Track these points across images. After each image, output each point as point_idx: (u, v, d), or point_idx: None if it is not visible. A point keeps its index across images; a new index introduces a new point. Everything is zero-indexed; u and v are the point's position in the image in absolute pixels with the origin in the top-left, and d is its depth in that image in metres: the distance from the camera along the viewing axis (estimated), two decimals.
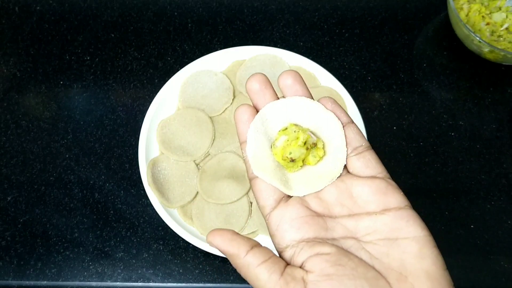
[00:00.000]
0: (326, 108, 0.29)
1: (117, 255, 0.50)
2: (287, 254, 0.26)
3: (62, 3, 0.65)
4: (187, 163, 0.52)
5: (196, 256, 0.50)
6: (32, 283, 0.49)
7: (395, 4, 0.66)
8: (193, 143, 0.52)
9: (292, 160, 0.28)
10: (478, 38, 0.55)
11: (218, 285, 0.49)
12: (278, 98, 0.30)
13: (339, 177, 0.28)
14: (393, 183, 0.27)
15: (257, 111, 0.29)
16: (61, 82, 0.59)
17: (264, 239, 0.49)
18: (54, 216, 0.52)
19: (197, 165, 0.52)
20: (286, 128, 0.29)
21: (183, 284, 0.49)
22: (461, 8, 0.60)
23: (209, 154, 0.53)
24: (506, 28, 0.59)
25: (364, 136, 0.29)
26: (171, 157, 0.51)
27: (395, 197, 0.26)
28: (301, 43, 0.62)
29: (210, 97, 0.55)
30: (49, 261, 0.50)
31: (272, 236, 0.27)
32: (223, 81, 0.56)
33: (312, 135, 0.29)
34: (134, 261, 0.50)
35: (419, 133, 0.57)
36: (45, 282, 0.49)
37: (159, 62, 0.61)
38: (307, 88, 0.30)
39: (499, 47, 0.57)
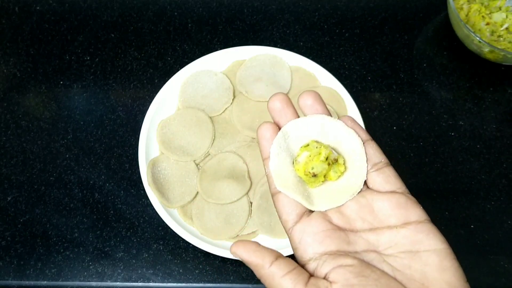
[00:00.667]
0: (347, 125, 0.30)
1: (117, 255, 0.50)
2: (310, 267, 0.27)
3: (62, 3, 0.65)
4: (187, 163, 0.52)
5: (196, 256, 0.50)
6: (32, 283, 0.49)
7: (395, 4, 0.66)
8: (193, 143, 0.52)
9: (314, 175, 0.29)
10: (478, 38, 0.55)
11: (218, 285, 0.49)
12: (299, 116, 0.31)
13: (359, 192, 0.29)
14: (413, 198, 0.28)
15: (279, 129, 0.31)
16: (61, 82, 0.59)
17: (264, 239, 0.49)
18: (54, 216, 0.52)
19: (197, 165, 0.52)
20: (308, 145, 0.30)
21: (183, 284, 0.49)
22: (461, 8, 0.60)
23: (209, 154, 0.53)
24: (506, 28, 0.59)
25: (383, 153, 0.30)
26: (171, 157, 0.51)
27: (415, 211, 0.27)
28: (301, 43, 0.62)
29: (210, 97, 0.55)
30: (49, 261, 0.50)
31: (295, 249, 0.28)
32: (223, 81, 0.56)
33: (333, 151, 0.30)
34: (134, 261, 0.50)
35: (419, 133, 0.57)
36: (45, 282, 0.49)
37: (159, 62, 0.61)
38: (326, 106, 0.31)
39: (499, 47, 0.57)
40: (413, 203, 0.28)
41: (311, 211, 0.29)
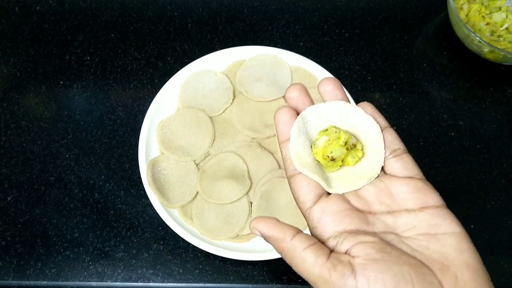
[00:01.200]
0: (366, 112, 0.31)
1: (117, 255, 0.50)
2: (329, 244, 0.27)
3: (62, 3, 0.65)
4: (187, 163, 0.52)
5: (196, 256, 0.50)
6: (32, 283, 0.49)
7: (395, 4, 0.66)
8: (193, 143, 0.52)
9: (333, 159, 0.29)
10: (478, 38, 0.55)
11: (218, 285, 0.49)
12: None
13: (376, 177, 0.29)
14: (430, 184, 0.29)
15: (297, 115, 0.31)
16: (61, 82, 0.59)
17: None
18: (54, 216, 0.52)
19: (197, 165, 0.52)
20: (327, 129, 0.30)
21: (183, 284, 0.49)
22: (461, 8, 0.60)
23: (209, 154, 0.53)
24: (506, 28, 0.59)
25: (401, 140, 0.30)
26: (171, 157, 0.51)
27: (432, 196, 0.28)
28: (301, 43, 0.62)
29: (210, 97, 0.55)
30: (49, 261, 0.50)
31: (313, 229, 0.28)
32: (223, 81, 0.56)
33: (352, 136, 0.30)
34: (134, 261, 0.50)
35: (419, 133, 0.57)
36: (45, 282, 0.49)
37: (159, 62, 0.61)
38: (345, 94, 0.32)
39: (499, 47, 0.57)
40: (430, 188, 0.29)
41: (328, 194, 0.29)
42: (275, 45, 0.60)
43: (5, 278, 0.49)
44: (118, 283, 0.49)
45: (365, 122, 0.30)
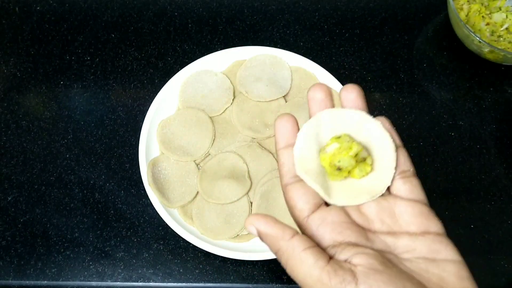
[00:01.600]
0: (384, 127, 0.29)
1: (118, 255, 0.50)
2: (328, 252, 0.26)
3: (62, 3, 0.65)
4: (187, 163, 0.52)
5: (196, 256, 0.50)
6: (32, 283, 0.49)
7: (395, 4, 0.66)
8: (193, 143, 0.52)
9: (339, 169, 0.28)
10: (478, 38, 0.55)
11: (218, 285, 0.49)
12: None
13: (380, 196, 0.28)
14: (433, 210, 0.28)
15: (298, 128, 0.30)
16: (61, 82, 0.59)
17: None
18: (55, 216, 0.52)
19: (197, 165, 0.52)
20: (340, 137, 0.29)
21: (183, 284, 0.49)
22: (461, 8, 0.60)
23: (209, 154, 0.53)
24: (506, 28, 0.59)
25: (411, 162, 0.30)
26: (171, 157, 0.51)
27: (435, 223, 0.27)
28: (301, 43, 0.62)
29: (210, 97, 0.55)
30: (49, 261, 0.50)
31: (310, 237, 0.27)
32: (223, 81, 0.56)
33: (364, 149, 0.29)
34: (134, 260, 0.50)
35: (419, 133, 0.57)
36: (45, 282, 0.49)
37: (159, 62, 0.61)
38: (366, 104, 0.30)
39: (499, 47, 0.57)
40: (433, 215, 0.28)
41: (328, 205, 0.28)
42: (275, 45, 0.60)
43: (5, 278, 0.49)
44: (118, 283, 0.49)
45: (380, 137, 0.29)
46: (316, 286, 0.24)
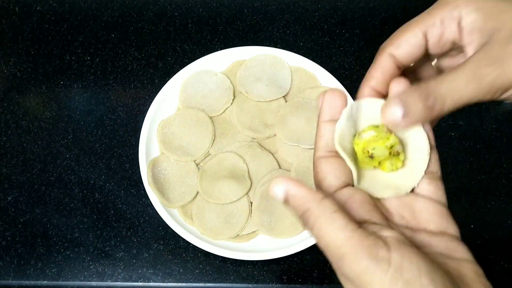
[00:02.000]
0: (423, 127, 0.29)
1: (118, 255, 0.50)
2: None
3: (62, 3, 0.65)
4: (187, 163, 0.52)
5: (196, 256, 0.50)
6: (32, 283, 0.49)
7: (395, 4, 0.66)
8: (193, 143, 0.52)
9: (371, 157, 0.28)
10: None
11: (218, 285, 0.49)
12: None
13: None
14: (451, 215, 0.29)
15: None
16: (62, 82, 0.59)
17: (264, 239, 0.49)
18: (55, 216, 0.52)
19: (197, 165, 0.52)
20: (378, 126, 0.28)
21: (183, 284, 0.49)
22: None
23: (209, 154, 0.53)
24: None
25: (440, 165, 0.30)
26: (171, 157, 0.51)
27: (453, 226, 0.28)
28: (301, 43, 0.62)
29: (210, 97, 0.55)
30: (49, 261, 0.50)
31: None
32: (223, 81, 0.56)
33: (400, 144, 0.28)
34: (134, 261, 0.50)
35: None
36: (45, 282, 0.49)
37: (160, 62, 0.61)
38: None
39: None
40: (452, 218, 0.28)
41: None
42: (275, 45, 0.60)
43: (5, 278, 0.49)
44: (118, 283, 0.49)
45: (417, 136, 0.29)
46: (344, 246, 0.23)
